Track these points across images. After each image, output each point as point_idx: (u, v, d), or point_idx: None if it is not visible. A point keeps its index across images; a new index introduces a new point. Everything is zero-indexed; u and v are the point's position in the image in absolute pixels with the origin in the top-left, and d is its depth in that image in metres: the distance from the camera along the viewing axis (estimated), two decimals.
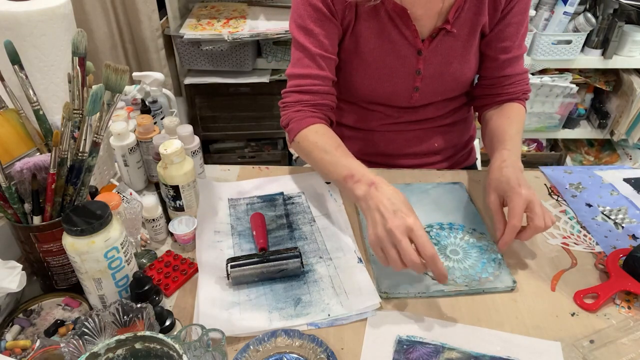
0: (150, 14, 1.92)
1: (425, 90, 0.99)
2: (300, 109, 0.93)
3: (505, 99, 1.01)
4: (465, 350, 0.67)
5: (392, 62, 0.95)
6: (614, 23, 1.87)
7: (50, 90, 0.77)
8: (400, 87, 0.98)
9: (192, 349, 0.59)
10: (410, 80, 0.97)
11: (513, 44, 0.96)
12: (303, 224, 0.88)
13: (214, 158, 2.29)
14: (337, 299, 0.74)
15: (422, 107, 1.03)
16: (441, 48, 0.94)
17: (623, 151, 2.24)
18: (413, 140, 1.07)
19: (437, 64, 0.96)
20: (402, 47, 0.94)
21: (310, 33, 0.91)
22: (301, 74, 0.94)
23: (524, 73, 1.01)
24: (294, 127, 0.93)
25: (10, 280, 0.64)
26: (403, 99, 1.00)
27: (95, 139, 0.68)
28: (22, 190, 0.68)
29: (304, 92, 0.94)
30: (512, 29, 0.95)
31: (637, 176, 1.00)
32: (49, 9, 0.72)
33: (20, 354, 0.65)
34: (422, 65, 0.95)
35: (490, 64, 0.99)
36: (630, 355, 0.66)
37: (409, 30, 0.92)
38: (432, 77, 0.97)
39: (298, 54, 0.94)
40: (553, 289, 0.76)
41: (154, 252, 0.83)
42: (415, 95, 0.99)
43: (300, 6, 0.91)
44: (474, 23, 0.93)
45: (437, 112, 1.05)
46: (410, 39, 0.93)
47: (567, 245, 0.84)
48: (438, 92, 1.01)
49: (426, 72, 0.96)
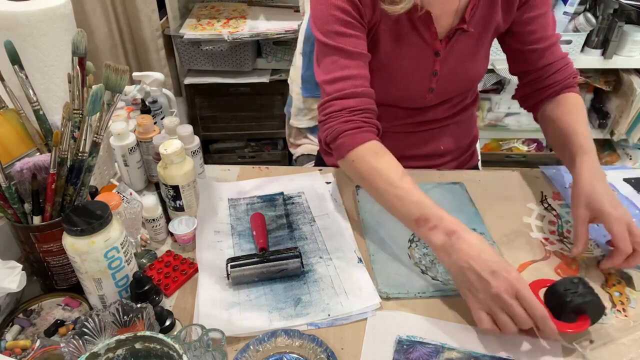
0: (150, 14, 1.92)
1: (439, 91, 0.99)
2: (350, 119, 0.84)
3: (558, 89, 0.96)
4: (465, 350, 0.67)
5: (409, 64, 0.94)
6: (614, 23, 1.87)
7: (50, 90, 0.77)
8: (415, 89, 0.97)
9: (192, 349, 0.59)
10: (426, 81, 0.96)
11: (546, 33, 0.94)
12: (303, 224, 0.88)
13: (214, 158, 2.29)
14: (337, 299, 0.74)
15: (432, 107, 1.02)
16: (457, 48, 0.94)
17: (623, 151, 2.24)
18: (419, 141, 1.07)
19: (453, 64, 0.95)
20: (420, 49, 0.92)
21: (342, 34, 0.85)
22: (340, 77, 0.85)
23: (566, 57, 0.98)
24: (345, 142, 0.83)
25: (10, 280, 0.64)
26: (416, 101, 1.00)
27: (95, 139, 0.68)
28: (22, 190, 0.68)
29: (348, 97, 0.85)
30: (541, 20, 0.93)
31: (637, 176, 1.00)
32: (49, 9, 0.72)
33: (20, 354, 0.65)
34: (438, 67, 0.94)
35: (530, 55, 0.96)
36: (630, 355, 0.66)
37: (428, 32, 0.90)
38: (447, 77, 0.96)
39: (330, 57, 0.86)
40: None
41: (154, 252, 0.83)
42: (429, 96, 0.99)
43: (326, 12, 0.85)
44: (487, 21, 0.92)
45: (445, 113, 1.05)
46: (429, 41, 0.92)
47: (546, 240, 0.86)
48: (451, 91, 1.01)
49: (442, 72, 0.95)
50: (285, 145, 2.26)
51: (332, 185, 0.97)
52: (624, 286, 0.77)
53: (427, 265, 0.79)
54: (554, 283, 0.69)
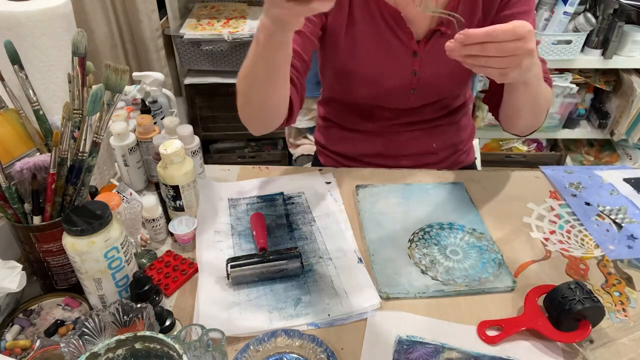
0: (150, 14, 1.92)
1: (422, 91, 0.99)
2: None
3: None
4: (465, 350, 0.67)
5: (388, 63, 0.95)
6: (614, 23, 1.87)
7: (50, 90, 0.77)
8: (397, 88, 0.98)
9: (192, 349, 0.59)
10: (407, 81, 0.97)
11: None
12: (303, 224, 0.88)
13: (214, 158, 2.29)
14: (337, 299, 0.74)
15: (419, 109, 1.03)
16: (437, 49, 0.93)
17: (623, 151, 2.24)
18: (411, 141, 1.07)
19: (433, 65, 0.95)
20: (398, 48, 0.93)
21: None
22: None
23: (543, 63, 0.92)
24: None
25: (10, 280, 0.64)
26: (400, 101, 1.00)
27: (95, 139, 0.68)
28: (22, 190, 0.68)
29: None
30: (520, 19, 0.90)
31: (637, 176, 1.00)
32: (49, 9, 0.72)
33: (20, 354, 0.65)
34: (417, 67, 0.95)
35: None
36: (630, 355, 0.66)
37: (403, 33, 0.91)
38: (428, 77, 0.96)
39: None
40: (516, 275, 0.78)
41: (154, 252, 0.83)
42: (412, 96, 0.99)
43: None
44: (468, 21, 0.91)
45: (435, 114, 1.05)
46: (405, 41, 0.92)
47: (546, 240, 0.85)
48: (435, 93, 1.01)
49: (422, 73, 0.96)
50: (285, 145, 2.26)
51: (332, 185, 0.97)
52: (624, 286, 0.77)
53: (427, 265, 0.79)
54: (551, 290, 0.69)
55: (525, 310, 0.71)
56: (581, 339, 0.66)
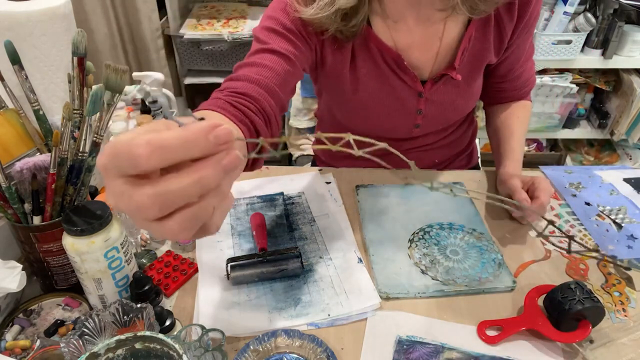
0: (150, 14, 1.92)
1: (426, 125, 0.99)
2: (217, 96, 0.71)
3: (515, 98, 1.02)
4: (465, 350, 0.67)
5: (391, 103, 0.93)
6: (614, 23, 1.88)
7: (50, 90, 0.77)
8: (400, 124, 0.98)
9: (192, 349, 0.59)
10: (411, 119, 0.96)
11: (521, 67, 0.97)
12: (303, 224, 0.88)
13: None
14: (337, 299, 0.74)
15: (421, 137, 1.03)
16: (444, 89, 0.92)
17: (623, 151, 2.24)
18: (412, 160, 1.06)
19: (440, 103, 0.94)
20: (403, 91, 0.92)
21: (275, 32, 0.79)
22: (248, 63, 0.76)
23: (532, 76, 1.02)
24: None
25: (10, 280, 0.64)
26: (402, 133, 1.00)
27: (95, 139, 0.68)
28: (22, 190, 0.68)
29: (240, 79, 0.74)
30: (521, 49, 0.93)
31: (637, 176, 1.00)
32: (49, 9, 0.72)
33: (20, 354, 0.65)
34: (423, 106, 0.94)
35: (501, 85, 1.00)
36: (630, 355, 0.66)
37: (407, 76, 0.90)
38: (433, 114, 0.96)
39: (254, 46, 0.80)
40: (516, 275, 0.78)
41: (154, 252, 0.83)
42: (415, 130, 0.99)
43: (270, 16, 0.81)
44: (477, 59, 0.90)
45: (435, 138, 1.05)
46: (409, 83, 0.91)
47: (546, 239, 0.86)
48: (439, 124, 1.01)
49: (427, 110, 0.95)
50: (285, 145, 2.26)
51: (332, 185, 0.97)
52: (624, 286, 0.77)
53: (427, 265, 0.79)
54: (551, 290, 0.69)
55: (525, 310, 0.71)
56: (581, 339, 0.66)
